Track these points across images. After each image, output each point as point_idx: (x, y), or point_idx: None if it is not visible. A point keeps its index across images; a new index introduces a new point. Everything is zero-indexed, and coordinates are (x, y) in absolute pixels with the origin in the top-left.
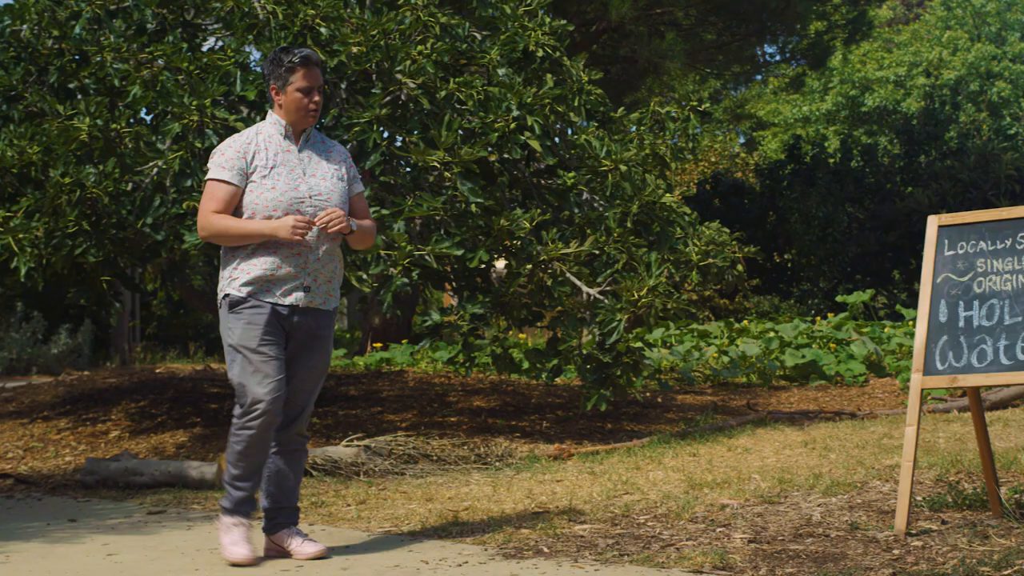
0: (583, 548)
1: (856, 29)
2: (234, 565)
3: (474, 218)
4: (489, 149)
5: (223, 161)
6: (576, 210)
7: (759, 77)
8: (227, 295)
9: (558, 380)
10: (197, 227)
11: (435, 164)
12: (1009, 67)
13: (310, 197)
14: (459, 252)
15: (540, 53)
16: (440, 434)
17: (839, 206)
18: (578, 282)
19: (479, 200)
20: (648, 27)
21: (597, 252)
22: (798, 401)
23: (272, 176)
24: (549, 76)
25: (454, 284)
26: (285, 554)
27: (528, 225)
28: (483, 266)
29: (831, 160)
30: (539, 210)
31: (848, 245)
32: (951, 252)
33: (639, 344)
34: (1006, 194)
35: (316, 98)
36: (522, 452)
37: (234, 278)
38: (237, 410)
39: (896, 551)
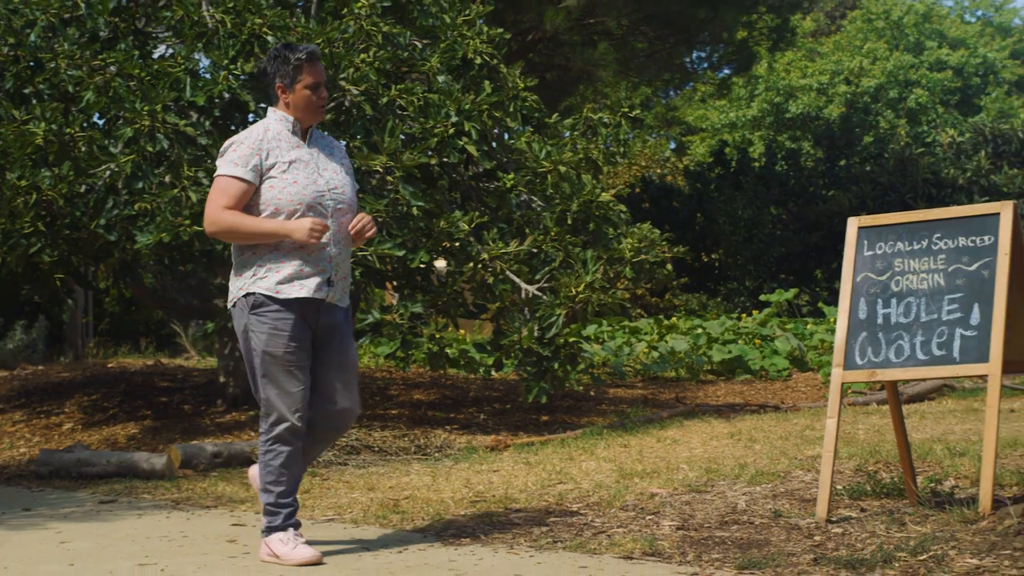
0: (518, 535)
1: (780, 36)
2: (304, 565)
3: (415, 220)
4: (429, 153)
5: (236, 157)
6: (515, 211)
7: (690, 85)
8: (251, 294)
9: (495, 374)
10: (204, 220)
11: (378, 168)
12: (927, 75)
13: (329, 191)
14: (400, 253)
15: (478, 61)
16: (382, 426)
17: (764, 208)
18: (518, 280)
19: (420, 203)
20: (582, 36)
21: (536, 251)
22: (724, 394)
23: (292, 171)
24: (487, 83)
25: (396, 283)
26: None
27: (467, 227)
28: (423, 266)
29: (756, 164)
30: (478, 212)
31: (773, 245)
32: (870, 252)
33: (576, 339)
34: (923, 197)
35: (324, 93)
36: (460, 443)
37: (261, 276)
38: (263, 424)
39: (817, 537)
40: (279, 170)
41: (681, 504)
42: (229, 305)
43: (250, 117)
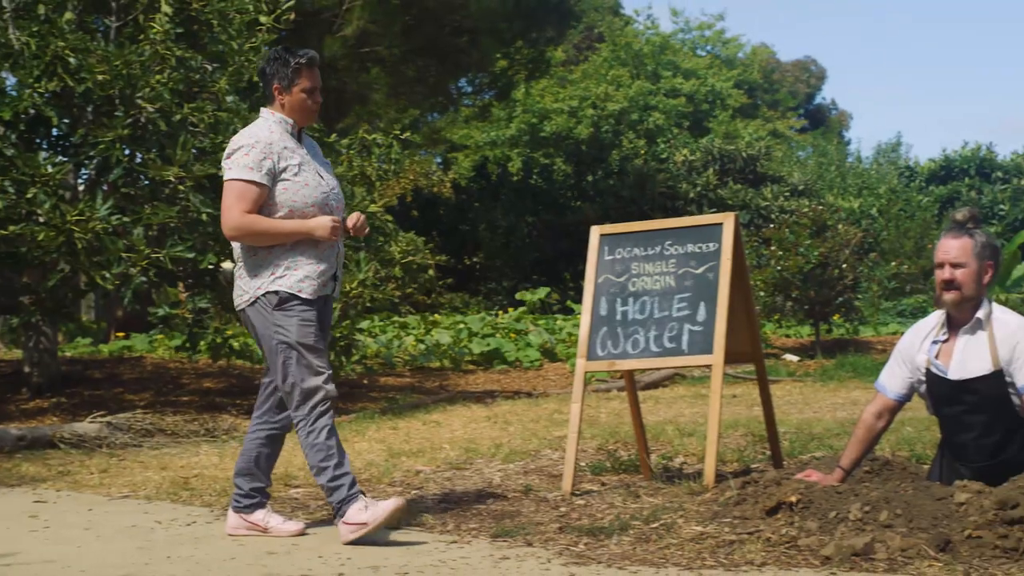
0: (297, 508)
1: (536, 67)
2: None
3: (204, 226)
4: (219, 165)
5: (250, 162)
6: None
7: (455, 108)
8: (274, 292)
9: None
10: (226, 226)
11: (170, 179)
12: (663, 101)
13: (330, 191)
14: (191, 255)
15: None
16: (174, 411)
17: (520, 217)
18: None
19: (209, 210)
20: (358, 63)
21: None
22: (483, 382)
23: (302, 173)
24: None
25: (187, 282)
26: (261, 532)
27: None
28: (212, 267)
29: (514, 178)
30: None
31: (527, 250)
32: (611, 257)
33: (349, 332)
34: (659, 208)
35: (318, 98)
36: (246, 427)
37: (280, 276)
38: (302, 411)
39: (563, 509)
40: (291, 173)
41: (443, 480)
42: (244, 304)
43: (54, 131)
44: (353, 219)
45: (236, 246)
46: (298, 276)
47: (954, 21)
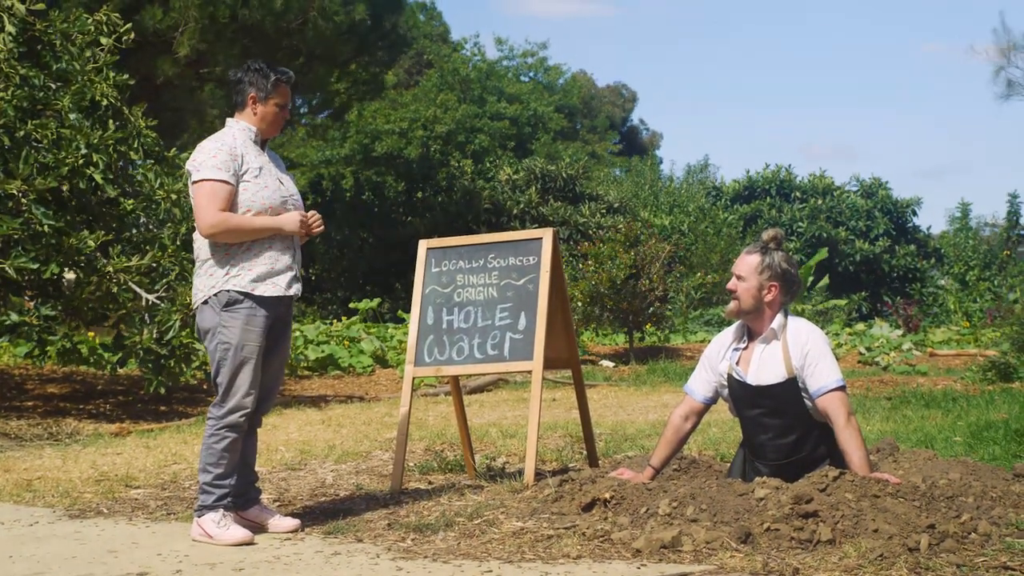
0: (137, 509)
1: (371, 90)
2: (239, 545)
3: (47, 237)
4: (61, 180)
5: (218, 163)
6: (134, 231)
7: (291, 127)
8: (225, 291)
9: (121, 370)
10: (202, 224)
11: (13, 192)
12: (488, 123)
13: (289, 196)
14: (35, 266)
15: (105, 102)
16: (18, 416)
17: (353, 231)
18: (139, 290)
19: (51, 223)
20: (195, 81)
21: (155, 265)
22: (318, 387)
23: (262, 176)
24: (111, 122)
25: (32, 292)
26: (260, 529)
27: (93, 244)
28: (55, 277)
29: (348, 195)
30: (103, 231)
31: (360, 262)
32: (437, 269)
33: (190, 340)
34: (485, 223)
35: (287, 114)
36: (88, 430)
37: (234, 275)
38: (217, 410)
39: (392, 506)
40: (251, 175)
41: (278, 480)
42: (198, 302)
43: None
44: (311, 217)
45: (196, 246)
46: (251, 276)
47: (758, 53)
